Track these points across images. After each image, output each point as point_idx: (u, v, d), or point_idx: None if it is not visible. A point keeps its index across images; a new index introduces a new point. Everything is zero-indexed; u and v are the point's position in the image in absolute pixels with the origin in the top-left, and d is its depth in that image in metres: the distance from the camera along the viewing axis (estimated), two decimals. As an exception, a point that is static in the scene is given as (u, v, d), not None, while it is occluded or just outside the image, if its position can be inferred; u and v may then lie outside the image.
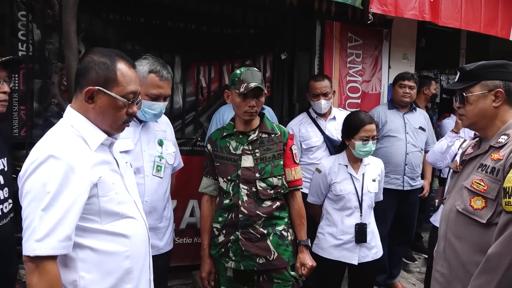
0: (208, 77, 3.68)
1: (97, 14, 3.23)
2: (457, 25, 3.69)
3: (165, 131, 2.26)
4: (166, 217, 2.26)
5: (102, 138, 1.45)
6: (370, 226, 2.62)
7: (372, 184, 2.63)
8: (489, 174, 1.60)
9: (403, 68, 4.25)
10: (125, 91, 1.43)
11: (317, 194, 2.70)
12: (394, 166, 3.50)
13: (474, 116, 1.71)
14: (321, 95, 3.25)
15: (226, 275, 2.25)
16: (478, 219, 1.59)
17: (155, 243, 2.16)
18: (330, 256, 2.59)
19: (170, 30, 3.50)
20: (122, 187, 1.50)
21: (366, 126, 2.53)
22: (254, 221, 2.16)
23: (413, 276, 4.08)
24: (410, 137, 3.59)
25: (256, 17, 3.74)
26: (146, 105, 2.04)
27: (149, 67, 2.03)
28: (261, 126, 2.26)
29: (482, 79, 1.68)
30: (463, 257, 1.65)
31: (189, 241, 3.52)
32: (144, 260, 1.55)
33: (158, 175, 2.14)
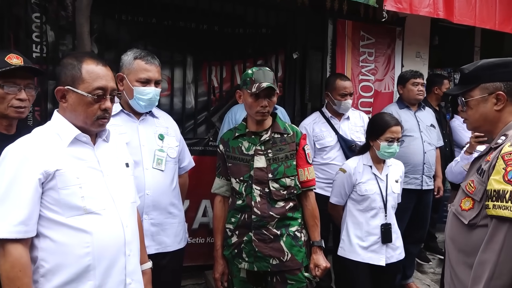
0: (220, 77, 3.68)
1: (109, 15, 3.25)
2: (472, 23, 3.64)
3: (167, 127, 2.30)
4: (175, 214, 2.27)
5: (74, 133, 1.52)
6: (394, 226, 2.63)
7: (396, 185, 2.65)
8: (478, 175, 1.55)
9: (416, 66, 4.20)
10: (91, 87, 1.52)
11: (340, 195, 2.70)
12: (413, 166, 3.46)
13: (475, 121, 1.65)
14: (348, 95, 3.24)
15: (239, 276, 2.25)
16: (463, 219, 1.56)
17: (161, 239, 2.19)
18: (358, 258, 2.58)
19: (182, 30, 3.50)
20: (95, 183, 1.53)
21: (392, 127, 2.56)
22: (267, 222, 2.15)
23: (428, 277, 4.03)
24: (425, 135, 3.55)
25: (267, 16, 3.73)
26: (138, 92, 2.10)
27: (133, 54, 2.14)
28: (273, 126, 2.25)
29: (481, 82, 1.60)
30: (453, 258, 1.64)
31: (202, 241, 3.53)
32: (115, 259, 1.54)
33: (159, 168, 2.16)
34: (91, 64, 1.54)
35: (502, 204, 1.39)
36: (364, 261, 2.58)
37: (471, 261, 1.52)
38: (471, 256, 1.53)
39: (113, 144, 1.70)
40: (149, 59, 2.14)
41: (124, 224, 1.57)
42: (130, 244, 1.59)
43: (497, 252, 1.39)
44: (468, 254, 1.55)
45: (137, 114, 2.20)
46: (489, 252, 1.41)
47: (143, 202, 2.10)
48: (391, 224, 2.59)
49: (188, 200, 3.41)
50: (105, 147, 1.64)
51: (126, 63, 2.13)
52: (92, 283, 1.48)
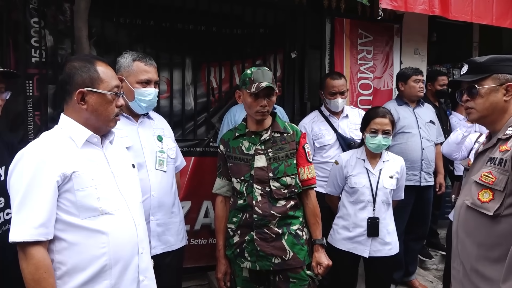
0: (219, 78, 3.69)
1: (108, 18, 3.26)
2: (468, 19, 3.64)
3: (162, 128, 2.34)
4: (176, 213, 2.30)
5: (86, 135, 1.55)
6: (384, 221, 2.63)
7: (389, 180, 2.64)
8: (497, 166, 1.57)
9: (415, 63, 4.21)
10: (110, 86, 1.58)
11: (334, 186, 2.78)
12: (412, 162, 3.47)
13: (484, 110, 1.68)
14: (338, 93, 3.24)
15: (242, 275, 2.25)
16: (485, 211, 1.57)
17: (166, 239, 2.22)
18: (343, 247, 2.64)
19: (180, 32, 3.51)
20: (108, 184, 1.56)
21: (376, 119, 2.59)
22: (269, 221, 2.16)
23: (430, 274, 4.04)
24: (423, 131, 3.56)
25: (265, 16, 3.74)
26: (139, 93, 2.13)
27: (131, 57, 2.16)
28: (273, 125, 2.26)
29: (493, 72, 1.65)
30: (472, 253, 1.63)
31: (204, 242, 3.54)
32: (130, 258, 1.57)
33: (161, 169, 2.20)
34: (103, 65, 1.60)
35: None
36: (348, 250, 2.63)
37: (494, 254, 1.54)
38: (494, 249, 1.54)
39: (117, 147, 1.73)
40: (147, 60, 2.18)
41: (136, 223, 1.62)
42: (142, 242, 1.64)
43: None
44: (491, 248, 1.56)
45: (134, 117, 2.21)
46: None
47: (149, 203, 2.12)
48: (379, 218, 2.60)
49: (189, 202, 3.42)
50: (111, 149, 1.68)
51: (124, 65, 2.14)
52: (108, 282, 1.51)
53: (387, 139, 2.58)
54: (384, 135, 2.57)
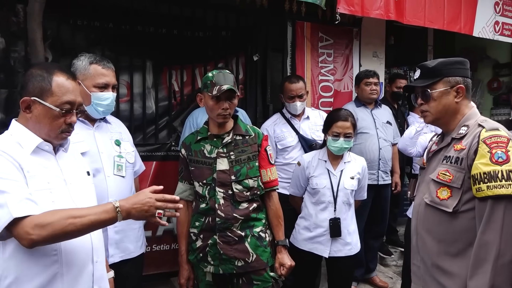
0: (180, 81, 3.66)
1: (64, 20, 3.17)
2: (421, 23, 3.79)
3: (120, 132, 2.28)
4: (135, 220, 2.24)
5: (36, 142, 1.49)
6: (345, 222, 2.67)
7: (350, 181, 2.68)
8: (454, 164, 1.65)
9: (373, 66, 4.33)
10: (59, 101, 1.49)
11: (296, 186, 2.80)
12: (369, 161, 3.55)
13: (438, 112, 1.76)
14: (296, 97, 3.27)
15: (205, 280, 2.24)
16: (445, 208, 1.64)
17: (125, 246, 2.17)
18: (304, 247, 2.67)
19: (140, 35, 3.46)
20: (61, 190, 1.51)
21: (338, 122, 2.62)
22: (232, 224, 2.16)
23: (390, 270, 4.16)
24: (380, 132, 3.66)
25: (227, 19, 3.74)
26: (96, 97, 2.07)
27: (88, 59, 2.10)
28: (235, 128, 2.26)
29: (444, 76, 1.73)
30: (432, 249, 1.70)
31: (167, 247, 3.48)
32: (83, 266, 1.52)
33: (120, 174, 2.14)
34: (62, 77, 1.51)
35: (497, 184, 1.49)
36: (309, 250, 2.66)
37: (454, 249, 1.61)
38: (454, 244, 1.61)
39: (71, 154, 1.68)
40: (105, 63, 2.12)
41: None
42: (98, 250, 1.59)
43: (499, 230, 1.47)
44: (450, 243, 1.62)
45: (91, 121, 2.15)
46: (490, 232, 1.49)
47: None
48: (341, 219, 2.64)
49: (152, 206, 3.35)
50: (65, 157, 1.62)
51: (80, 68, 2.07)
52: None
53: (348, 142, 2.62)
54: (345, 138, 2.61)
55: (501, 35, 4.33)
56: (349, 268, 2.79)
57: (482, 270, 1.49)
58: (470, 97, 1.77)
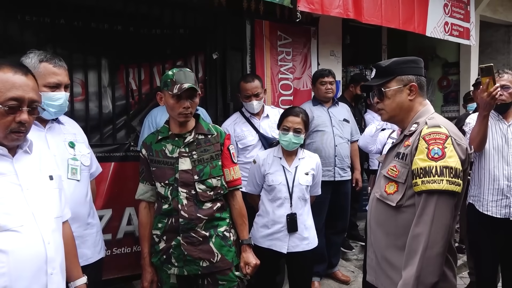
0: (138, 80, 3.56)
1: (11, 16, 2.99)
2: (379, 22, 3.90)
3: (75, 134, 2.17)
4: (92, 224, 2.16)
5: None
6: (302, 217, 2.70)
7: (304, 177, 2.71)
8: (400, 160, 1.70)
9: (331, 64, 4.41)
10: (3, 97, 1.40)
11: (253, 184, 2.81)
12: (325, 158, 3.61)
13: (392, 110, 1.81)
14: (253, 96, 3.27)
15: (170, 282, 2.19)
16: (390, 202, 1.70)
17: (82, 252, 2.05)
18: (263, 244, 2.68)
19: (94, 32, 3.32)
20: (12, 198, 1.42)
21: (288, 117, 2.68)
22: (196, 224, 2.13)
23: (352, 264, 4.25)
24: (336, 129, 3.73)
25: (185, 17, 3.68)
26: (47, 97, 1.95)
27: (38, 57, 1.97)
28: (197, 127, 2.23)
29: (397, 75, 1.78)
30: (381, 242, 1.75)
31: (128, 250, 3.38)
32: (35, 279, 1.43)
33: (74, 177, 2.04)
34: (8, 73, 1.42)
35: (430, 179, 1.54)
36: (268, 247, 2.68)
37: (401, 242, 1.64)
38: (400, 238, 1.65)
39: (36, 156, 1.57)
40: (56, 61, 2.00)
41: (45, 240, 1.46)
42: (53, 262, 1.48)
43: (429, 223, 1.52)
44: (397, 236, 1.67)
45: (42, 122, 2.03)
46: (422, 225, 1.54)
47: None
48: (297, 214, 2.67)
49: (110, 209, 3.24)
50: (26, 159, 1.52)
51: (29, 66, 1.90)
52: None
53: (298, 137, 2.66)
54: (295, 133, 2.64)
55: (450, 35, 4.54)
56: (308, 263, 2.82)
57: (413, 261, 1.54)
58: (424, 94, 1.82)
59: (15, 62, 1.50)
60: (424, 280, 1.51)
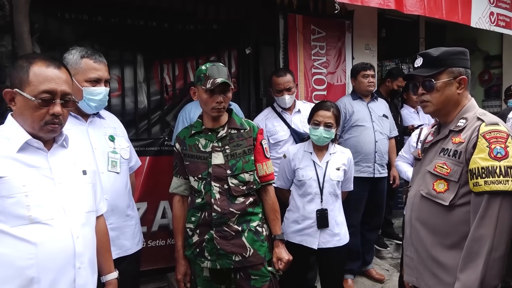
0: (172, 75, 3.61)
1: (51, 13, 3.09)
2: (421, 12, 3.74)
3: (115, 128, 2.23)
4: (131, 216, 2.21)
5: (24, 138, 1.45)
6: (332, 213, 2.66)
7: (335, 172, 2.67)
8: (452, 157, 1.63)
9: (366, 58, 4.31)
10: (36, 90, 1.43)
11: (283, 179, 2.79)
12: (365, 154, 3.55)
13: (440, 103, 1.73)
14: (285, 90, 3.25)
15: (203, 275, 2.21)
16: (441, 201, 1.63)
17: (121, 243, 2.12)
18: (293, 240, 2.66)
19: (130, 28, 3.39)
20: (43, 192, 1.45)
21: (319, 111, 2.65)
22: (228, 219, 2.13)
23: (386, 262, 4.16)
24: (376, 125, 3.65)
25: (218, 12, 3.69)
26: (88, 92, 2.01)
27: (79, 53, 2.03)
28: (229, 122, 2.23)
29: (448, 66, 1.70)
30: (427, 241, 1.69)
31: (162, 243, 3.45)
32: (62, 272, 1.45)
33: (114, 170, 2.09)
34: (42, 66, 1.46)
35: (494, 179, 1.49)
36: (298, 243, 2.65)
37: (449, 241, 1.60)
38: (449, 237, 1.61)
39: (72, 150, 1.61)
40: (97, 57, 2.05)
41: (74, 235, 1.48)
42: (81, 256, 1.50)
43: (493, 225, 1.48)
44: (446, 235, 1.62)
45: (84, 116, 2.09)
46: (485, 227, 1.49)
47: None
48: (328, 210, 2.63)
49: (145, 202, 3.32)
50: (61, 153, 1.55)
51: (71, 62, 2.01)
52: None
53: (328, 131, 2.61)
54: (326, 128, 2.60)
55: (496, 25, 4.32)
56: (339, 259, 2.78)
57: (474, 263, 1.49)
58: (469, 89, 1.75)
59: (48, 56, 1.56)
60: (489, 283, 1.48)
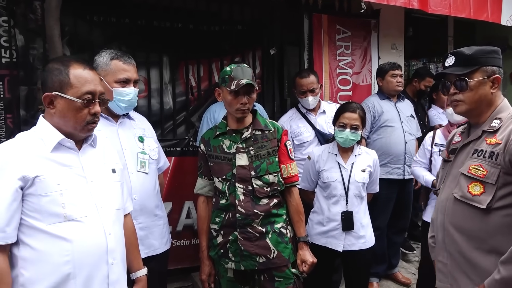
0: (197, 76, 3.64)
1: (80, 16, 3.16)
2: (446, 12, 3.67)
3: (144, 129, 2.27)
4: (160, 216, 2.25)
5: (57, 138, 1.51)
6: (358, 215, 2.63)
7: (361, 174, 2.64)
8: (488, 159, 1.58)
9: (392, 58, 4.24)
10: (80, 92, 1.51)
11: (307, 180, 2.78)
12: (395, 156, 3.49)
13: (473, 103, 1.68)
14: (308, 91, 3.23)
15: (227, 276, 2.22)
16: (478, 205, 1.58)
17: (150, 243, 2.16)
18: (318, 242, 2.64)
19: (156, 30, 3.44)
20: (77, 190, 1.51)
21: (345, 113, 2.61)
22: (252, 220, 2.13)
23: (413, 266, 4.08)
24: (405, 125, 3.59)
25: (242, 12, 3.70)
26: (118, 93, 2.06)
27: (109, 55, 2.09)
28: (254, 123, 2.23)
29: (482, 65, 1.65)
30: (463, 245, 1.64)
31: (187, 243, 3.48)
32: (96, 268, 1.51)
33: (143, 170, 2.13)
34: (79, 69, 1.53)
35: None
36: (323, 245, 2.62)
37: (487, 246, 1.56)
38: (487, 241, 1.56)
39: (100, 149, 1.67)
40: (126, 59, 2.11)
41: (107, 231, 1.54)
42: (114, 252, 1.56)
43: None
44: (483, 239, 1.57)
45: (114, 117, 2.14)
46: None
47: None
48: (353, 212, 2.60)
49: (171, 202, 3.36)
50: (91, 153, 1.62)
51: (102, 64, 2.07)
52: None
53: (354, 134, 2.58)
54: (352, 130, 2.57)
55: (529, 23, 4.17)
56: (365, 262, 2.74)
57: None
58: (501, 88, 1.70)
59: (79, 57, 1.63)
60: None
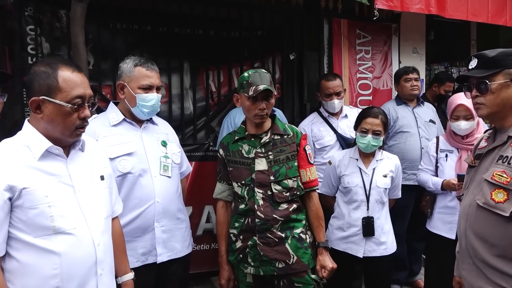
0: (217, 82, 3.68)
1: (104, 24, 3.25)
2: (464, 17, 3.62)
3: (167, 134, 2.30)
4: (181, 219, 2.27)
5: (45, 146, 1.44)
6: (379, 221, 2.60)
7: (382, 179, 2.61)
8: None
9: (413, 62, 4.19)
10: (69, 96, 1.43)
11: (328, 185, 2.76)
12: (411, 161, 3.44)
13: (495, 106, 1.63)
14: (334, 94, 3.22)
15: (246, 281, 2.22)
16: (501, 212, 1.53)
17: (172, 246, 2.18)
18: (338, 247, 2.61)
19: (177, 36, 3.50)
20: (65, 200, 1.46)
21: (368, 119, 2.58)
22: (272, 225, 2.13)
23: (435, 273, 4.00)
24: (422, 131, 3.53)
25: (262, 18, 3.73)
26: (141, 99, 2.10)
27: (133, 62, 2.13)
28: (273, 128, 2.23)
29: (505, 67, 1.61)
30: (485, 252, 1.60)
31: (207, 247, 3.51)
32: (85, 280, 1.47)
33: (166, 174, 2.16)
34: (67, 72, 1.45)
35: None
36: (343, 251, 2.60)
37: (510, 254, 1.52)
38: (510, 248, 1.52)
39: (88, 154, 1.62)
40: (149, 65, 2.14)
41: (95, 242, 1.51)
42: (102, 263, 1.54)
43: None
44: (506, 247, 1.53)
45: (138, 122, 2.19)
46: None
47: (154, 210, 2.09)
48: (374, 218, 2.57)
49: (191, 207, 3.39)
50: (79, 158, 1.56)
51: (126, 71, 2.11)
52: None
53: (377, 139, 2.55)
54: (374, 136, 2.55)
55: (551, 27, 4.08)
56: (386, 269, 2.70)
57: None
58: None
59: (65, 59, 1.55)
60: None
